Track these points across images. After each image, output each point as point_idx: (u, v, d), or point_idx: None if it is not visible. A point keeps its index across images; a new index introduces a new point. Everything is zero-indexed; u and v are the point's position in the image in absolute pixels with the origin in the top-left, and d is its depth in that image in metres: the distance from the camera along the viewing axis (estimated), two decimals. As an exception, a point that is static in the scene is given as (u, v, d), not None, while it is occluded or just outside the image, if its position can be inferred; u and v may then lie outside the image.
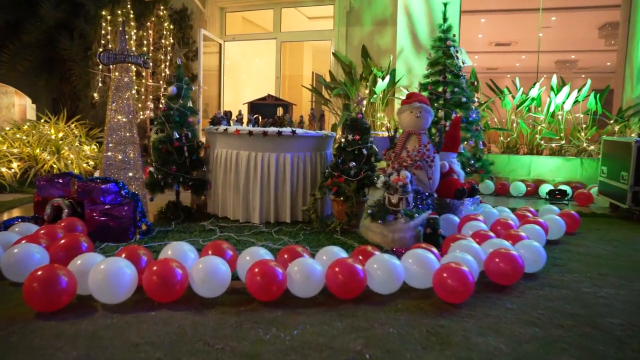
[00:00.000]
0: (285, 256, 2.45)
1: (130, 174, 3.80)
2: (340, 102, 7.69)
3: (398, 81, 7.22)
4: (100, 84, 7.54)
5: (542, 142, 6.66)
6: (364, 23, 8.05)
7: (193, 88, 4.25)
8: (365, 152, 3.89)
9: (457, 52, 4.57)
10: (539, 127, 6.62)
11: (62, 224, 3.02)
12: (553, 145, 6.60)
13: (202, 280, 2.19)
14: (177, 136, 4.01)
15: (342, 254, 2.50)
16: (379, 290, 2.37)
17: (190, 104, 4.18)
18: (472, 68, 6.63)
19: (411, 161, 3.48)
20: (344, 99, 7.67)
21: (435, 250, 2.70)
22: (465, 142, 4.62)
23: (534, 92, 6.50)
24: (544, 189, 6.05)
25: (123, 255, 2.36)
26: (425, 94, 4.78)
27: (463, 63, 4.65)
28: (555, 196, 5.70)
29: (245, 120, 4.57)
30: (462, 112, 4.46)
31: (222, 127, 4.08)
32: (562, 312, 2.28)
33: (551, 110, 6.52)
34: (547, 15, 10.32)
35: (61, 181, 3.50)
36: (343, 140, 4.03)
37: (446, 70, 4.65)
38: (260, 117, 4.63)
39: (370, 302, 2.31)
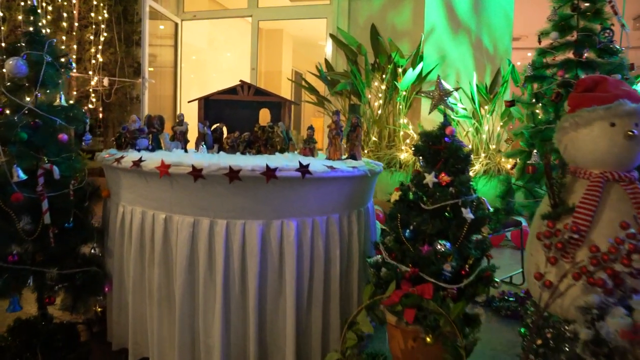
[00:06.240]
0: None
1: None
2: (344, 104, 5.45)
3: (429, 73, 5.04)
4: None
5: None
6: (373, -6, 5.83)
7: (74, 65, 1.93)
8: (469, 214, 1.65)
9: (612, 5, 2.36)
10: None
11: None
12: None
13: None
14: (24, 177, 1.67)
15: None
16: None
17: (61, 99, 1.85)
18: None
19: (630, 257, 1.25)
20: (347, 97, 5.43)
21: None
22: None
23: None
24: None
25: None
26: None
27: (623, 27, 2.47)
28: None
29: (192, 137, 2.25)
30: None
31: (129, 156, 1.75)
32: None
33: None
34: None
35: None
36: (411, 186, 1.78)
37: (588, 41, 2.37)
38: (225, 129, 2.33)
39: None
